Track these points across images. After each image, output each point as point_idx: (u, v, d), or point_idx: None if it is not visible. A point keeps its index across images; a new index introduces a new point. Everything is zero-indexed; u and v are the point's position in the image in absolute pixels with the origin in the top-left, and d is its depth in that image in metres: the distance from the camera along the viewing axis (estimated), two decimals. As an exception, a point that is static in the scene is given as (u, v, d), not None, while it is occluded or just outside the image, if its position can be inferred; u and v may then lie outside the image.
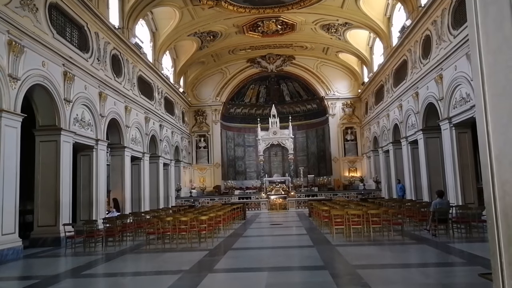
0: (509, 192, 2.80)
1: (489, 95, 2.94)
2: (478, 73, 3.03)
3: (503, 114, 2.83)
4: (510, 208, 2.74)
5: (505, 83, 2.73)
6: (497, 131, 2.89)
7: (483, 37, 2.97)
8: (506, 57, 2.69)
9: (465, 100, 12.70)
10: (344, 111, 28.01)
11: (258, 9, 19.86)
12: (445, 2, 13.26)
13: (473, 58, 3.12)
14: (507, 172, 2.87)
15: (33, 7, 10.47)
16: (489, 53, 2.95)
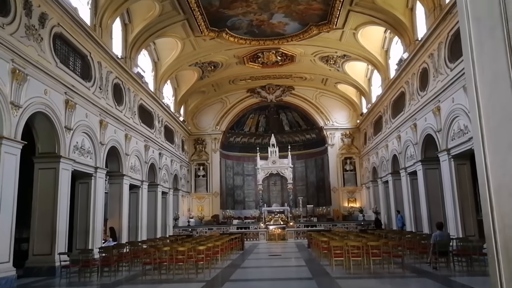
0: (509, 225, 2.78)
1: (486, 128, 2.97)
2: (475, 106, 3.07)
3: (501, 147, 2.85)
4: (510, 241, 2.71)
5: (501, 116, 2.76)
6: (496, 163, 2.91)
7: (479, 71, 3.02)
8: (501, 90, 2.73)
9: (463, 132, 12.78)
10: (343, 141, 28.11)
11: (259, 40, 20.27)
12: (441, 36, 13.56)
13: (470, 91, 3.17)
14: (506, 205, 2.86)
15: (38, 37, 10.69)
16: (485, 86, 3.00)
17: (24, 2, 10.06)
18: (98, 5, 14.20)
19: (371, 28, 18.84)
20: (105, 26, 14.62)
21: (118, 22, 16.51)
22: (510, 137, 2.58)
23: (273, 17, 18.07)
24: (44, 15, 10.91)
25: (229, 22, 18.27)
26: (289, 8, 17.29)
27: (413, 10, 16.51)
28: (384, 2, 16.22)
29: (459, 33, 3.40)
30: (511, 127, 2.56)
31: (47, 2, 10.93)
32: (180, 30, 18.37)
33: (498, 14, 2.52)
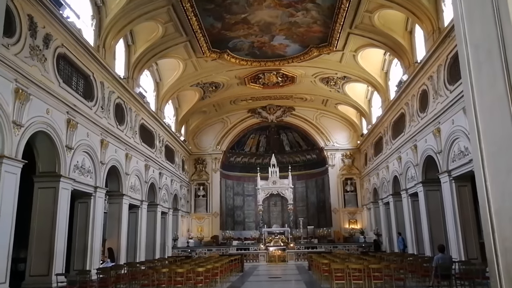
0: (510, 249, 2.76)
1: (485, 152, 2.98)
2: (474, 130, 3.09)
3: (500, 170, 2.85)
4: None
5: (501, 140, 2.78)
6: (496, 187, 2.91)
7: (478, 95, 3.06)
8: (501, 115, 2.76)
9: (463, 154, 12.78)
10: (344, 162, 28.08)
11: (260, 62, 20.50)
12: (440, 59, 13.70)
13: (469, 115, 3.20)
14: (507, 229, 2.85)
15: (42, 57, 10.82)
16: (484, 110, 3.02)
17: (29, 23, 10.23)
18: (102, 26, 14.42)
19: (371, 51, 19.07)
20: (108, 47, 14.81)
21: (122, 43, 16.74)
22: (509, 162, 2.59)
23: (274, 39, 18.32)
24: (48, 36, 11.08)
25: (231, 43, 18.52)
26: (290, 31, 17.54)
27: (412, 33, 16.75)
28: (383, 25, 16.47)
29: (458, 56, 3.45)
30: (510, 150, 2.58)
31: (52, 23, 11.11)
32: (182, 51, 18.61)
33: (495, 41, 2.57)
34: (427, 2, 13.94)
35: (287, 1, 15.36)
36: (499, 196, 2.92)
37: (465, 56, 3.17)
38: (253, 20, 16.61)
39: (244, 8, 15.70)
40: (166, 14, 15.51)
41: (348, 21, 16.37)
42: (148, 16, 15.20)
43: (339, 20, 16.30)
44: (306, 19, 16.58)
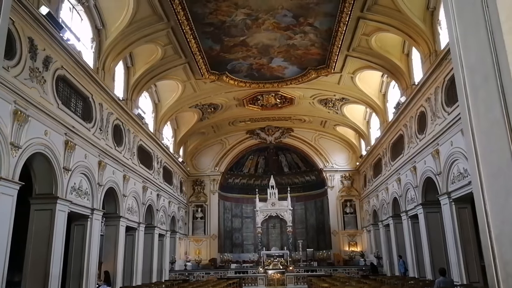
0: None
1: (484, 175, 2.95)
2: (472, 153, 3.07)
3: (500, 194, 2.82)
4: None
5: (499, 163, 2.76)
6: (495, 210, 2.87)
7: (475, 118, 3.05)
8: (498, 138, 2.74)
9: (462, 176, 12.74)
10: (343, 184, 27.97)
11: (258, 83, 20.66)
12: (437, 81, 13.82)
13: (467, 138, 3.18)
14: (508, 253, 2.80)
15: (41, 79, 10.88)
16: (481, 134, 3.01)
17: (30, 46, 10.32)
18: (102, 49, 14.57)
19: (368, 73, 19.25)
20: (108, 69, 14.93)
21: (121, 65, 16.88)
22: (508, 184, 2.57)
23: (272, 61, 18.51)
24: (48, 58, 11.16)
25: (230, 65, 18.70)
26: (288, 53, 17.74)
27: (409, 56, 16.95)
28: (380, 48, 16.67)
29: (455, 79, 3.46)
30: (509, 174, 2.55)
31: (52, 46, 11.21)
32: (181, 73, 18.76)
33: (490, 65, 2.58)
34: (424, 26, 14.15)
35: (285, 24, 15.58)
36: (499, 220, 2.88)
37: (461, 80, 3.18)
38: (251, 43, 16.81)
39: (242, 31, 15.92)
40: (165, 37, 15.70)
41: (346, 44, 16.58)
42: (148, 38, 15.38)
43: (336, 43, 16.51)
44: (304, 41, 16.79)
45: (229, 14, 14.74)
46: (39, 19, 10.27)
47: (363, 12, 14.38)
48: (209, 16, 14.79)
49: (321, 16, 15.01)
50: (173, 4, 13.67)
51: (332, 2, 14.13)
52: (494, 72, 2.68)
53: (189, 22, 14.87)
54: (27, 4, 9.72)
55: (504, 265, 2.90)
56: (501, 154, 2.61)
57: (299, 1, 14.10)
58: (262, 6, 14.39)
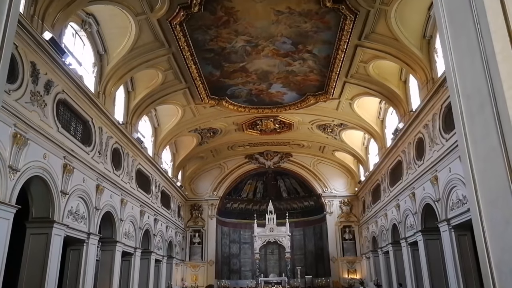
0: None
1: (483, 202, 2.96)
2: (470, 180, 3.08)
3: (498, 221, 2.82)
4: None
5: (497, 190, 2.77)
6: (494, 239, 2.86)
7: (472, 146, 3.08)
8: (495, 166, 2.76)
9: (462, 202, 12.69)
10: (342, 209, 27.80)
11: (257, 109, 20.82)
12: (435, 108, 13.94)
13: (464, 165, 3.20)
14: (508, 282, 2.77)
15: (42, 103, 10.95)
16: (478, 161, 3.03)
17: (32, 70, 10.44)
18: (103, 73, 14.75)
19: (366, 99, 19.45)
20: (108, 93, 15.06)
21: (122, 89, 17.04)
22: (506, 212, 2.57)
23: (271, 87, 18.71)
24: (50, 82, 11.27)
25: (229, 90, 18.89)
26: (287, 79, 17.96)
27: (406, 83, 17.16)
28: (378, 75, 16.90)
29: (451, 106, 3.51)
30: (507, 202, 2.56)
31: (54, 70, 11.34)
32: (181, 98, 18.93)
33: (486, 93, 2.62)
34: (420, 54, 14.39)
35: (285, 51, 15.83)
36: (498, 248, 2.86)
37: (458, 107, 3.23)
38: (251, 69, 17.04)
39: (242, 57, 16.16)
40: (166, 62, 15.92)
41: (344, 71, 16.82)
42: (149, 64, 15.59)
43: (335, 70, 16.75)
44: (303, 68, 17.03)
45: (229, 40, 15.01)
46: (42, 44, 10.43)
47: (361, 40, 14.66)
48: (210, 43, 15.05)
49: (319, 44, 15.29)
50: (175, 30, 13.92)
51: (330, 30, 14.41)
52: (490, 100, 2.72)
53: (190, 48, 15.12)
54: (31, 30, 9.88)
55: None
56: (498, 182, 2.62)
57: (298, 29, 14.38)
58: (262, 34, 14.67)
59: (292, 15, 13.69)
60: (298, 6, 13.22)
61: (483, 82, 2.75)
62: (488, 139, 2.71)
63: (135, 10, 12.91)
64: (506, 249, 2.62)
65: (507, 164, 2.49)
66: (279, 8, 13.36)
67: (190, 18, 13.47)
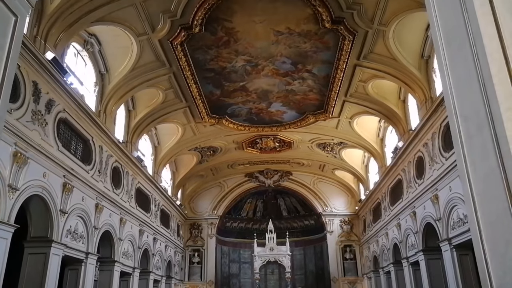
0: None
1: (483, 224, 2.95)
2: (470, 201, 3.08)
3: (499, 243, 2.80)
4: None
5: (497, 212, 2.76)
6: (496, 260, 2.84)
7: (471, 167, 3.09)
8: (494, 186, 2.77)
9: (462, 221, 12.62)
10: (342, 228, 27.59)
11: (257, 127, 20.90)
12: (434, 127, 14.00)
13: (464, 186, 3.20)
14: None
15: (43, 122, 11.00)
16: (478, 182, 3.04)
17: (33, 89, 10.52)
18: (105, 93, 14.86)
19: (366, 117, 19.53)
20: (109, 112, 15.14)
21: (122, 108, 17.12)
22: (507, 234, 2.56)
23: (271, 106, 18.82)
24: (51, 101, 11.34)
25: (229, 109, 18.99)
26: (287, 98, 18.08)
27: (405, 102, 17.27)
28: (377, 94, 17.02)
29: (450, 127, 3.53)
30: (507, 223, 2.55)
31: (55, 89, 11.43)
32: (182, 117, 19.01)
33: (484, 114, 2.65)
34: (419, 73, 14.53)
35: (284, 71, 15.99)
36: (500, 270, 2.85)
37: (456, 128, 3.25)
38: (251, 88, 17.17)
39: (242, 77, 16.30)
40: (167, 82, 16.05)
41: (343, 90, 16.94)
42: (150, 83, 15.72)
43: (334, 89, 16.88)
44: (303, 87, 17.16)
45: (229, 60, 15.17)
46: (44, 64, 10.54)
47: (360, 60, 14.82)
48: (210, 62, 15.21)
49: (319, 63, 15.45)
50: (176, 50, 14.09)
51: (329, 50, 14.58)
52: (487, 122, 2.74)
53: (191, 68, 15.27)
54: (33, 50, 10.01)
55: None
56: (498, 203, 2.63)
57: (297, 49, 14.56)
58: (262, 54, 14.84)
59: (291, 36, 13.88)
60: (297, 27, 13.42)
61: (480, 104, 2.78)
62: (487, 161, 2.72)
63: (137, 30, 13.09)
64: (508, 271, 2.60)
65: (506, 185, 2.50)
66: (279, 29, 13.56)
67: (191, 38, 13.65)
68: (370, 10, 12.53)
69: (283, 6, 12.52)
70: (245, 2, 12.32)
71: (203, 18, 12.72)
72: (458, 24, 2.93)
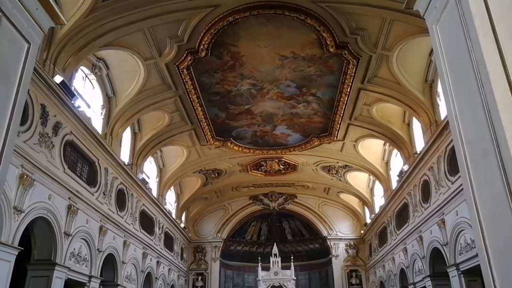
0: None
1: (491, 251, 2.92)
2: (478, 228, 3.06)
3: (509, 270, 2.77)
4: None
5: (505, 239, 2.74)
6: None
7: (477, 192, 3.08)
8: (502, 213, 2.75)
9: (470, 246, 12.41)
10: (348, 253, 27.19)
11: (262, 150, 20.93)
12: (439, 150, 13.95)
13: (471, 212, 3.19)
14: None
15: (50, 144, 11.10)
16: (485, 208, 3.02)
17: (41, 112, 10.66)
18: (111, 115, 15.01)
19: (371, 141, 19.53)
20: (115, 134, 15.26)
21: (128, 131, 17.25)
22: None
23: (276, 129, 18.90)
24: (58, 124, 11.47)
25: (234, 132, 19.08)
26: (292, 121, 18.17)
27: (410, 125, 17.28)
28: (381, 118, 17.06)
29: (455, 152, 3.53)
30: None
31: (63, 112, 11.57)
32: (187, 139, 19.11)
33: (489, 140, 2.66)
34: (423, 97, 14.59)
35: (289, 94, 16.12)
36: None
37: (461, 153, 3.26)
38: (256, 111, 17.29)
39: (247, 100, 16.44)
40: (173, 105, 16.21)
41: (348, 113, 17.01)
42: (156, 106, 15.88)
43: (338, 112, 16.95)
44: (307, 110, 17.26)
45: (235, 84, 15.34)
46: (53, 88, 10.70)
47: (364, 83, 14.93)
48: (216, 86, 15.38)
49: (323, 87, 15.57)
50: (182, 74, 14.28)
51: (333, 74, 14.72)
52: (493, 148, 2.75)
53: (196, 91, 15.44)
54: (43, 74, 10.19)
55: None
56: (506, 230, 2.61)
57: (302, 73, 14.72)
58: (266, 77, 15.01)
59: (296, 60, 14.06)
60: (302, 51, 13.60)
61: (485, 130, 2.80)
62: (493, 187, 2.72)
63: (144, 55, 13.32)
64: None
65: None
66: (284, 53, 13.75)
67: (197, 62, 13.86)
68: (374, 35, 12.70)
69: (288, 31, 12.72)
70: (250, 27, 12.55)
71: (209, 43, 12.95)
72: (461, 52, 2.98)
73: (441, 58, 3.34)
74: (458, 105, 3.18)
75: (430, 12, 3.63)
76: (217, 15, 12.01)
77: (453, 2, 3.10)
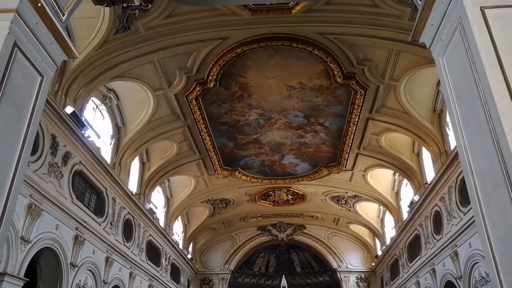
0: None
1: (506, 285, 2.82)
2: (491, 261, 2.97)
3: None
4: None
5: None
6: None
7: (490, 225, 3.00)
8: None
9: (485, 280, 12.02)
10: (359, 286, 26.46)
11: (270, 179, 20.83)
12: (450, 180, 13.76)
13: (484, 245, 3.10)
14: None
15: (59, 174, 11.16)
16: (498, 241, 2.94)
17: (51, 142, 10.78)
18: (120, 145, 15.13)
19: (380, 170, 19.36)
20: (124, 164, 15.34)
21: (137, 160, 17.34)
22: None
23: (284, 158, 18.86)
24: (68, 154, 11.57)
25: (242, 161, 19.08)
26: (300, 151, 18.15)
27: (419, 155, 17.13)
28: (390, 147, 16.97)
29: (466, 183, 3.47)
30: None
31: (73, 142, 11.70)
32: (195, 169, 19.12)
33: (499, 172, 2.62)
34: (432, 127, 14.53)
35: (297, 124, 16.18)
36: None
37: (472, 184, 3.21)
38: (264, 141, 17.33)
39: (255, 130, 16.52)
40: (181, 134, 16.32)
41: (356, 143, 16.97)
42: (165, 136, 16.01)
43: (347, 142, 16.92)
44: (315, 140, 17.26)
45: (243, 114, 15.46)
46: (63, 118, 10.86)
47: (372, 113, 14.95)
48: (224, 116, 15.52)
49: (331, 117, 15.63)
50: (191, 104, 14.45)
51: (341, 104, 14.80)
52: (504, 179, 2.71)
53: (205, 121, 15.57)
54: (54, 105, 10.36)
55: None
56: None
57: (309, 103, 14.82)
58: (274, 107, 15.13)
59: (304, 90, 14.19)
60: (309, 81, 13.74)
61: (495, 161, 2.76)
62: (505, 219, 2.65)
63: (154, 86, 13.55)
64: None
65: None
66: (291, 84, 13.91)
67: (206, 93, 14.05)
68: (381, 66, 12.82)
69: (295, 62, 12.91)
70: (258, 58, 12.77)
71: (217, 74, 13.16)
72: (468, 83, 2.98)
73: (448, 90, 3.34)
74: (467, 136, 3.16)
75: (436, 45, 3.66)
76: (225, 47, 12.26)
77: (458, 35, 3.13)
